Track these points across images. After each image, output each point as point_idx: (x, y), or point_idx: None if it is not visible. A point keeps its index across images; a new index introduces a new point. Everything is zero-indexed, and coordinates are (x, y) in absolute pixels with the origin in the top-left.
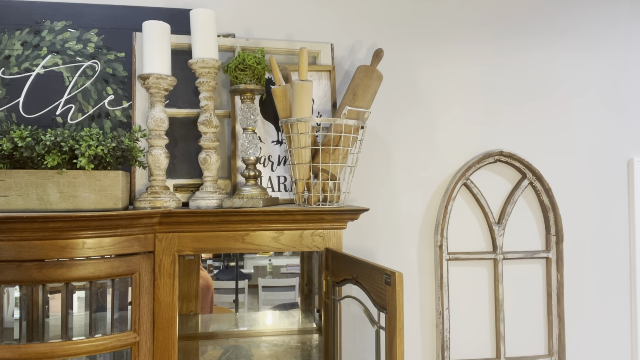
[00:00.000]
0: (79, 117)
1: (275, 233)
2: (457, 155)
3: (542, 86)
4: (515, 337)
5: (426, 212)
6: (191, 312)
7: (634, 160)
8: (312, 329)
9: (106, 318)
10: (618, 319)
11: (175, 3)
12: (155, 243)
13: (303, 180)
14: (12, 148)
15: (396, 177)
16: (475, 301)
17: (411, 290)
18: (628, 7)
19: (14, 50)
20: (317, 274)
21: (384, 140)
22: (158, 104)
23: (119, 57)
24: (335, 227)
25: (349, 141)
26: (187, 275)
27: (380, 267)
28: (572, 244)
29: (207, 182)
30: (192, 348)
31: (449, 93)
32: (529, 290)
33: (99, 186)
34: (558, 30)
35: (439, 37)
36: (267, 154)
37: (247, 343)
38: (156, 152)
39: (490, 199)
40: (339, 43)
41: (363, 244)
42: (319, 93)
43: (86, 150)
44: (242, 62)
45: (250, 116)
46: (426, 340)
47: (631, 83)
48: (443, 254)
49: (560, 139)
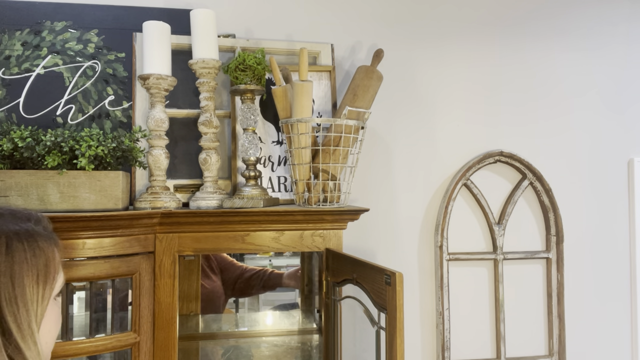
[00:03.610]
0: (79, 117)
1: (275, 233)
2: (457, 155)
3: (542, 86)
4: (515, 337)
5: (426, 212)
6: (191, 312)
7: (634, 160)
8: (312, 329)
9: (106, 318)
10: (618, 319)
11: (175, 3)
12: (155, 243)
13: (303, 180)
14: (12, 148)
15: (396, 177)
16: (475, 301)
17: (411, 291)
18: (627, 8)
19: (14, 50)
20: (317, 274)
21: (384, 140)
22: (158, 104)
23: (119, 57)
24: (335, 227)
25: (349, 141)
26: (187, 276)
27: (380, 267)
28: (572, 244)
29: (207, 182)
30: (192, 348)
31: (449, 93)
32: (529, 290)
33: (99, 186)
34: (558, 30)
35: (439, 37)
36: (267, 154)
37: (247, 343)
38: (156, 152)
39: (490, 199)
40: (339, 43)
41: (363, 244)
42: (319, 93)
43: (86, 150)
44: (242, 62)
45: (250, 116)
46: (426, 340)
47: (631, 83)
48: (443, 254)
49: (560, 139)
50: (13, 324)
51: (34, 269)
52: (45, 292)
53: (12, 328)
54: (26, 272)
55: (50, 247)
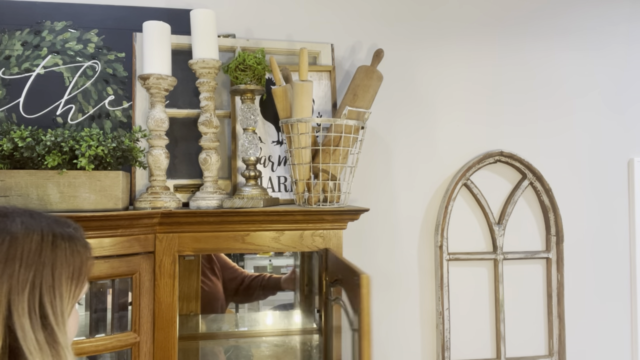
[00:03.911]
0: (79, 117)
1: (275, 233)
2: (457, 156)
3: (543, 87)
4: (515, 337)
5: (426, 212)
6: (191, 312)
7: (634, 160)
8: (312, 329)
9: (106, 318)
10: (618, 319)
11: (175, 3)
12: (155, 243)
13: (303, 180)
14: (12, 148)
15: (396, 177)
16: (475, 301)
17: (411, 290)
18: (628, 8)
19: (14, 50)
20: (317, 274)
21: (384, 140)
22: (158, 104)
23: (119, 57)
24: (335, 227)
25: (349, 141)
26: (187, 276)
27: (353, 269)
28: (572, 244)
29: (207, 182)
30: (192, 348)
31: (449, 93)
32: (529, 290)
33: (99, 186)
34: (559, 30)
35: (440, 37)
36: (267, 154)
37: (247, 343)
38: (156, 152)
39: (490, 199)
40: (339, 43)
41: (363, 244)
42: (319, 93)
43: (86, 150)
44: (242, 62)
45: (250, 116)
46: (426, 340)
47: (631, 83)
48: (443, 254)
49: (560, 139)
50: (50, 309)
51: (72, 267)
52: (76, 291)
53: (49, 313)
54: (65, 268)
55: (85, 253)
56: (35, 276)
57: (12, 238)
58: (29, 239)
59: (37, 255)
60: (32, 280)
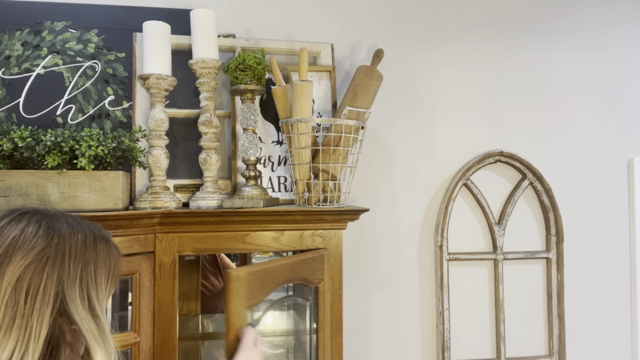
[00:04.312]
0: (79, 117)
1: (275, 233)
2: (457, 156)
3: (543, 88)
4: (515, 337)
5: (426, 212)
6: (191, 312)
7: (634, 161)
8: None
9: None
10: (618, 319)
11: (175, 3)
12: (155, 243)
13: (303, 180)
14: (12, 148)
15: (396, 177)
16: (475, 301)
17: (411, 290)
18: (627, 8)
19: (14, 50)
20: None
21: (384, 140)
22: (158, 104)
23: (119, 57)
24: (335, 227)
25: (349, 141)
26: (187, 276)
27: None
28: (572, 244)
29: (207, 182)
30: (192, 348)
31: (450, 94)
32: (529, 290)
33: (99, 186)
34: (559, 31)
35: (440, 38)
36: (267, 154)
37: None
38: (156, 152)
39: (490, 199)
40: (339, 43)
41: (363, 244)
42: (319, 93)
43: (86, 150)
44: (242, 62)
45: (250, 116)
46: (426, 340)
47: (631, 83)
48: (443, 254)
49: (560, 139)
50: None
51: (108, 266)
52: (111, 288)
53: (95, 305)
54: (103, 266)
55: (119, 256)
56: (83, 271)
57: (60, 236)
58: (75, 238)
59: (82, 252)
60: (81, 274)
